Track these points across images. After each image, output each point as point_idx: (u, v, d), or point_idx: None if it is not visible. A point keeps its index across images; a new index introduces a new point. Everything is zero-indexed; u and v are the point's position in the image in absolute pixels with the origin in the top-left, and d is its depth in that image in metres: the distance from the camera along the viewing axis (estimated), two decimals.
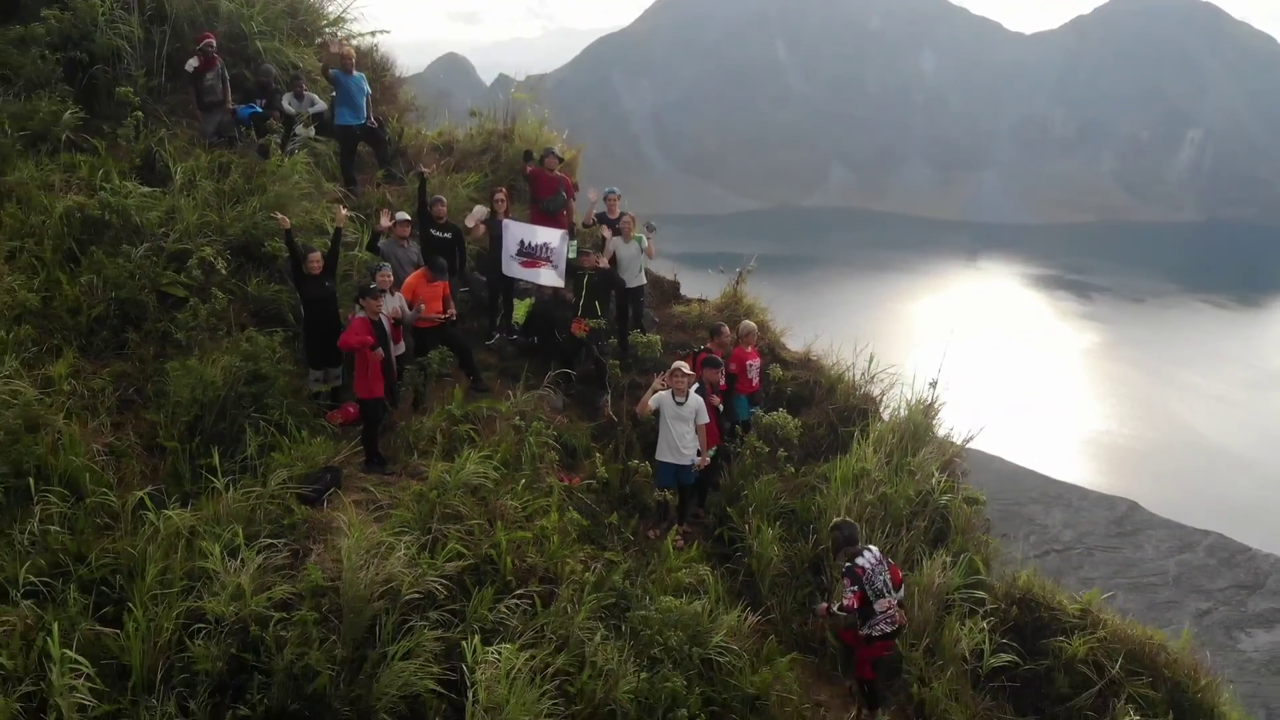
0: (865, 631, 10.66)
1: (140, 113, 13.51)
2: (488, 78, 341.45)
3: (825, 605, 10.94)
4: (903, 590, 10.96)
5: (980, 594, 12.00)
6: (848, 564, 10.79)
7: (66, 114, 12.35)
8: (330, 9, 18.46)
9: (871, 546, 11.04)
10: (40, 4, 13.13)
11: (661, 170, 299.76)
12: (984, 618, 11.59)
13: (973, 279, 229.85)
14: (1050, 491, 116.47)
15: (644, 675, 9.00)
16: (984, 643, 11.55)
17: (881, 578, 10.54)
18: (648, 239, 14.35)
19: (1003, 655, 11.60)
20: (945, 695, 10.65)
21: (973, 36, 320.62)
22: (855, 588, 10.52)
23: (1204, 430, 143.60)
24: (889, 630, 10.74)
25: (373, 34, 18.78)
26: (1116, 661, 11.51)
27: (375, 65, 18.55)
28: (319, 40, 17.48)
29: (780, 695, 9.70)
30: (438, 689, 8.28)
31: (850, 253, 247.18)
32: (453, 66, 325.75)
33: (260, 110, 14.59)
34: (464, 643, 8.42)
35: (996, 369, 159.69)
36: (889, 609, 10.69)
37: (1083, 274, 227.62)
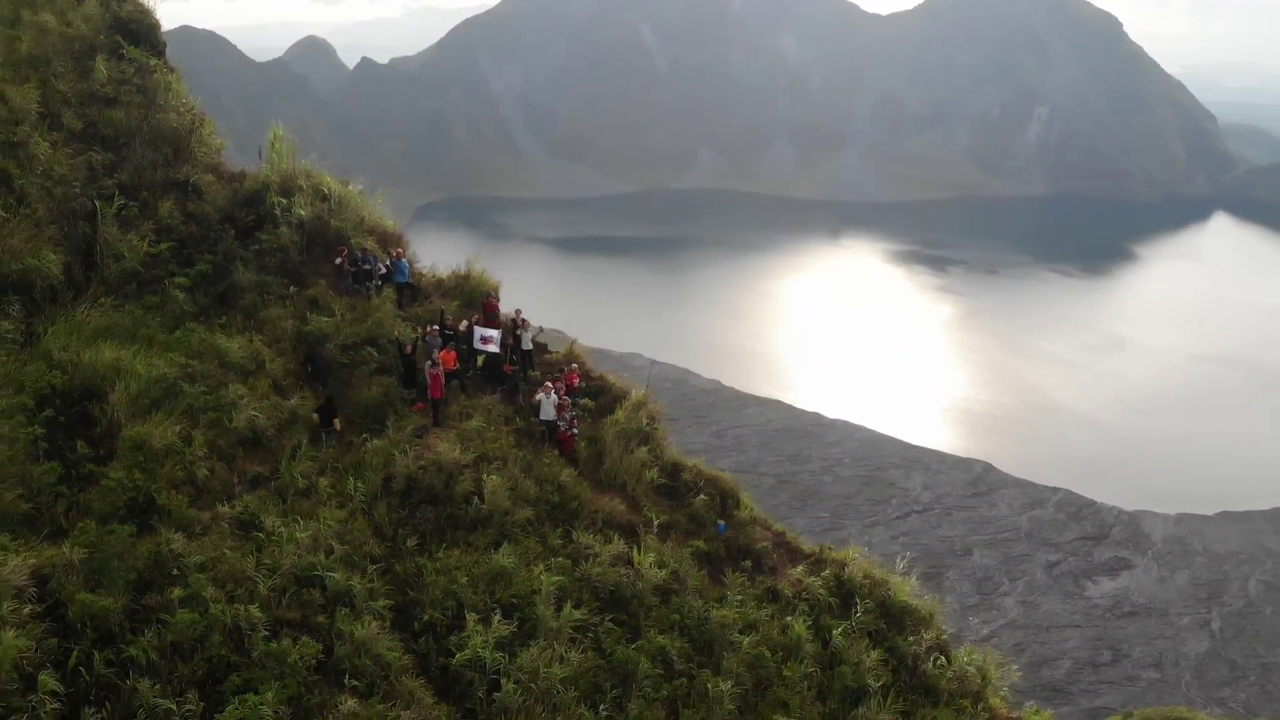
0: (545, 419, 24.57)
1: (324, 283, 25.68)
2: (349, 60, 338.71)
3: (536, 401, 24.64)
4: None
5: (656, 460, 24.45)
6: (539, 399, 24.30)
7: (291, 289, 24.39)
8: (377, 212, 29.38)
9: (553, 396, 24.07)
10: (256, 229, 24.30)
11: (532, 154, 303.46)
12: (658, 469, 24.10)
13: (837, 256, 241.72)
14: (910, 456, 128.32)
15: (534, 485, 21.18)
16: (656, 474, 24.52)
17: (554, 402, 23.67)
18: (533, 332, 26.93)
19: (661, 479, 23.70)
20: (643, 494, 23.04)
21: (832, 18, 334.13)
22: (541, 397, 24.25)
23: (1053, 393, 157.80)
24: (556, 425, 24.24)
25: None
26: (703, 482, 24.42)
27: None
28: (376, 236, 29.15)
29: (589, 498, 21.76)
30: (477, 491, 20.25)
31: (721, 233, 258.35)
32: (313, 49, 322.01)
33: (362, 254, 26.93)
34: (482, 476, 20.41)
35: (860, 342, 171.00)
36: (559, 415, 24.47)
37: (940, 248, 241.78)
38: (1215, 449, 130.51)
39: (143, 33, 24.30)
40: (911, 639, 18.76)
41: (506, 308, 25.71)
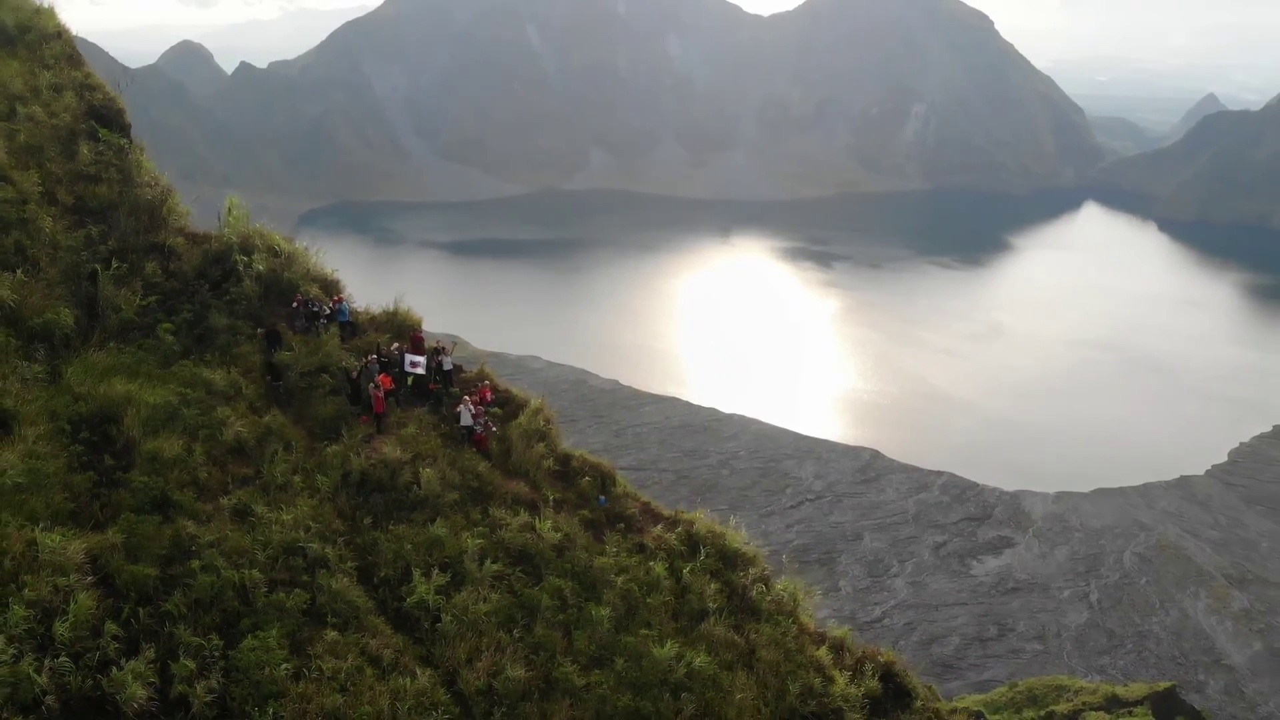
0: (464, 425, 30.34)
1: (282, 324, 30.77)
2: (226, 64, 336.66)
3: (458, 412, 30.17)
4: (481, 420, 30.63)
5: (551, 453, 30.32)
6: (459, 409, 30.19)
7: (259, 330, 29.27)
8: (320, 265, 33.98)
9: (470, 406, 29.68)
10: (224, 282, 29.59)
11: (420, 157, 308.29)
12: (553, 459, 30.16)
13: (727, 254, 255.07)
14: (803, 446, 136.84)
15: (459, 475, 27.52)
16: (551, 463, 30.14)
17: (470, 411, 29.48)
18: (450, 354, 32.45)
19: (555, 466, 30.07)
20: (541, 479, 29.44)
21: (715, 19, 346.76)
22: (461, 409, 29.93)
23: (935, 381, 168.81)
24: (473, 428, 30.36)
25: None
26: (587, 468, 30.44)
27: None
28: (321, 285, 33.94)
29: (501, 483, 28.02)
30: (415, 481, 26.37)
31: (614, 234, 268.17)
32: (188, 55, 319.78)
33: (310, 299, 32.03)
34: (418, 470, 26.45)
35: (753, 338, 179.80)
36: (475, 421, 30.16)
37: (825, 245, 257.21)
38: (1090, 429, 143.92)
39: (112, 117, 29.98)
40: (741, 574, 25.96)
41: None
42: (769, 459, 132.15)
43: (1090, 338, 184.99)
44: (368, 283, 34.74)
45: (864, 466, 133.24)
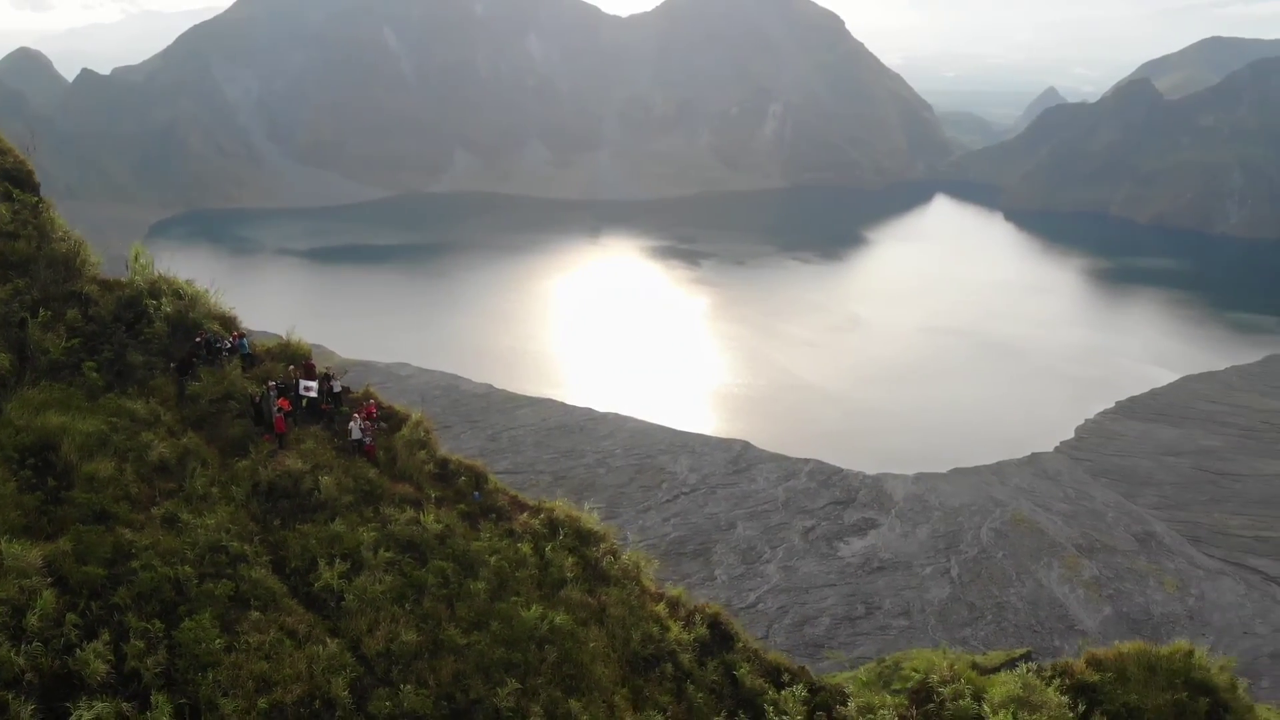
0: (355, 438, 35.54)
1: (196, 361, 34.80)
2: (67, 71, 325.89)
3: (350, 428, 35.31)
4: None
5: (431, 458, 35.84)
6: (350, 425, 35.44)
7: (172, 365, 33.25)
8: (220, 305, 37.35)
9: (358, 422, 34.82)
10: (137, 323, 32.58)
11: (275, 162, 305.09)
12: (433, 463, 35.67)
13: (597, 254, 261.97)
14: (677, 441, 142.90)
15: (352, 481, 32.91)
16: (432, 467, 34.99)
17: (359, 426, 34.78)
18: (338, 378, 36.88)
19: (435, 469, 35.84)
20: (423, 480, 35.01)
21: (575, 20, 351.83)
22: (351, 425, 35.26)
23: (799, 372, 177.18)
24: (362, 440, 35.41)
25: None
26: (463, 469, 36.23)
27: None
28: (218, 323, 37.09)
29: (389, 486, 33.42)
30: (315, 488, 31.59)
31: (482, 236, 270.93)
32: (26, 62, 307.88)
33: (211, 336, 35.87)
34: (318, 478, 31.71)
35: (626, 336, 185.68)
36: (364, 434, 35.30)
37: (692, 243, 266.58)
38: (946, 413, 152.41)
39: (23, 178, 34.18)
40: (594, 549, 32.10)
41: (266, 325, 37.03)
42: (644, 455, 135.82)
43: (944, 325, 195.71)
44: (225, 294, 37.48)
45: (736, 458, 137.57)
